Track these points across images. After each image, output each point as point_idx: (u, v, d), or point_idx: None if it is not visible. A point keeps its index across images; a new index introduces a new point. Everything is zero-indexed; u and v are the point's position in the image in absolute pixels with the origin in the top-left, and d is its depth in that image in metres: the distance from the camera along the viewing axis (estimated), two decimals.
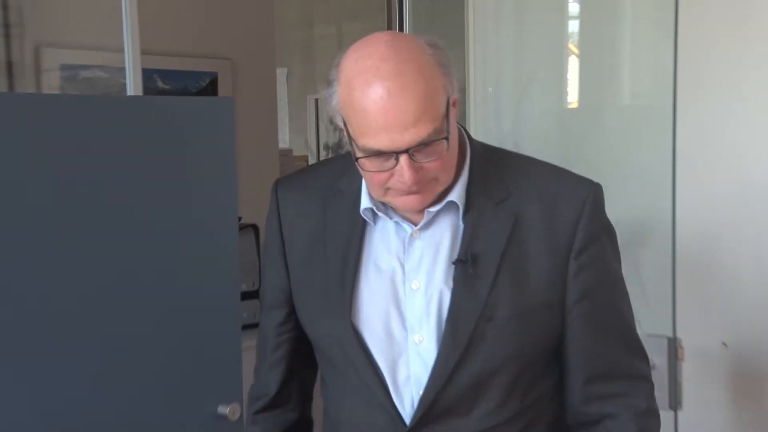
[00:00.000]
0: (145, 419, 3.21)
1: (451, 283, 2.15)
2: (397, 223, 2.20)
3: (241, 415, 3.38)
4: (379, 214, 2.19)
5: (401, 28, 4.46)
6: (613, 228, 2.24)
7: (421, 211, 2.15)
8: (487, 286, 2.11)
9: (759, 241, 3.64)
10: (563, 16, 4.40)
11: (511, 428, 2.19)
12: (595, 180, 2.87)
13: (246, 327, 4.05)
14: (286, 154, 7.29)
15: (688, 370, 3.73)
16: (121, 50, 3.58)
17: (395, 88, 1.91)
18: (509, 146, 4.21)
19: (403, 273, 2.20)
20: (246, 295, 4.78)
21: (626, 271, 3.91)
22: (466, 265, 2.11)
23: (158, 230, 3.22)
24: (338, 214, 2.27)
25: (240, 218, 3.73)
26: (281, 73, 7.16)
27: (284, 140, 7.32)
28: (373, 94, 1.92)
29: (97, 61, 5.24)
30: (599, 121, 4.25)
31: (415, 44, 2.01)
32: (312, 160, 7.56)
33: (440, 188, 2.09)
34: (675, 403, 3.87)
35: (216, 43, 6.21)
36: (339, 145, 7.45)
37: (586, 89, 4.36)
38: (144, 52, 3.62)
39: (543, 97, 4.45)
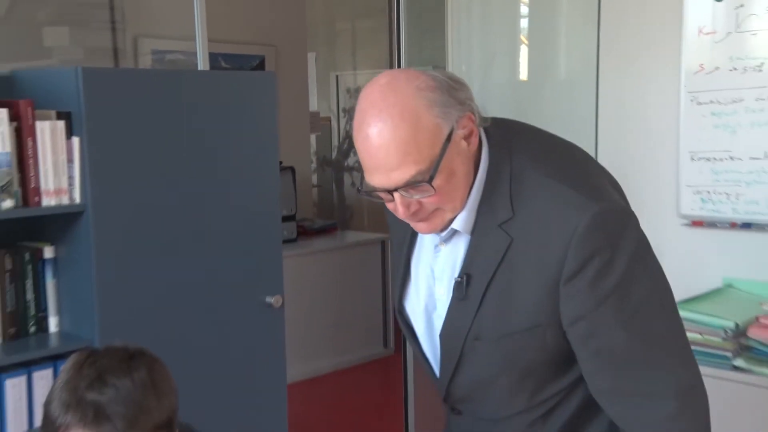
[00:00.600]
0: (215, 307, 3.26)
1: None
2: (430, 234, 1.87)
3: (283, 304, 3.45)
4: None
5: (398, 26, 4.42)
6: (616, 246, 1.66)
7: None
8: (474, 308, 1.75)
9: (658, 178, 3.65)
10: (516, 14, 4.40)
11: (529, 416, 1.85)
12: None
13: (285, 241, 4.09)
14: (314, 115, 7.30)
15: None
16: (194, 39, 3.62)
17: (376, 134, 1.62)
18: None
19: (433, 279, 1.89)
20: (285, 218, 4.84)
21: None
22: (461, 285, 1.77)
23: (222, 170, 3.25)
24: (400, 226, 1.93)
25: (281, 162, 3.75)
26: (311, 57, 7.18)
27: (313, 105, 7.33)
28: (361, 138, 1.65)
29: (177, 47, 5.38)
30: (542, 91, 4.24)
31: (406, 88, 1.63)
32: (334, 122, 7.53)
33: (448, 215, 1.73)
34: None
35: (264, 34, 6.30)
36: (353, 109, 7.45)
37: (533, 67, 4.33)
38: (210, 41, 3.67)
39: (502, 73, 4.42)
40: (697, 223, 3.53)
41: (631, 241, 1.68)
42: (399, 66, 4.44)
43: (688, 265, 3.57)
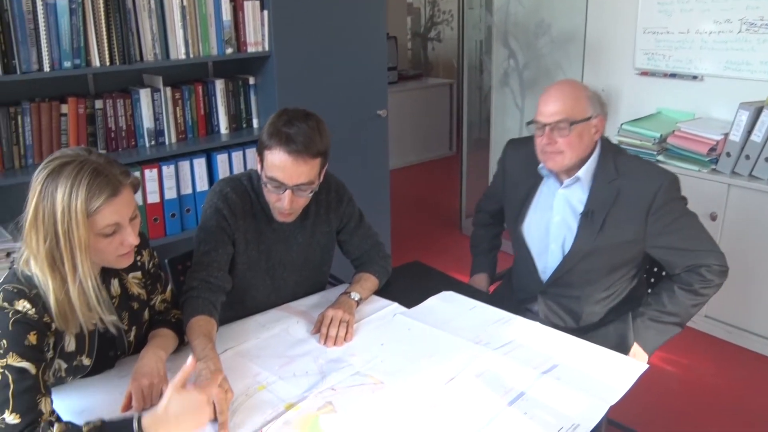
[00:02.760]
0: (349, 115, 3.29)
1: (575, 224, 1.95)
2: (554, 180, 2.00)
3: (387, 116, 3.44)
4: (542, 174, 2.02)
5: None
6: (677, 196, 1.91)
7: (565, 175, 1.96)
8: (597, 229, 1.90)
9: (623, 45, 3.59)
10: None
11: (592, 297, 2.02)
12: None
13: (390, 82, 4.11)
14: (409, 4, 7.18)
15: None
16: None
17: (553, 93, 1.87)
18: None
19: (551, 212, 2.01)
20: (390, 68, 4.78)
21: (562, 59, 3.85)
22: (587, 216, 1.92)
23: (354, 35, 3.23)
24: (530, 170, 2.04)
25: (388, 33, 3.66)
26: None
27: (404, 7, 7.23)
28: (545, 92, 1.88)
29: None
30: None
31: (580, 85, 1.92)
32: (422, 10, 7.33)
33: (564, 160, 1.89)
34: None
35: None
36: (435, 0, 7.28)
37: None
38: None
39: None
40: (644, 72, 3.54)
41: (681, 192, 1.93)
42: None
43: (636, 99, 3.60)
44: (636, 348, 1.93)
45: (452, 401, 1.47)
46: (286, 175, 1.70)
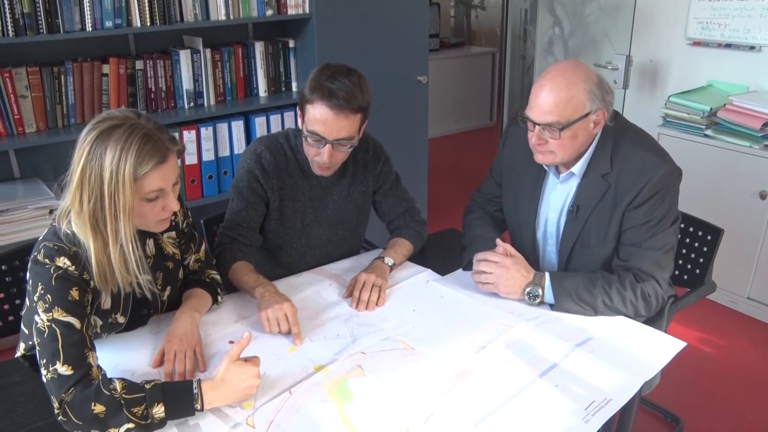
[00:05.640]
0: (389, 81, 3.25)
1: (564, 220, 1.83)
2: (553, 172, 1.83)
3: (427, 82, 3.41)
4: (544, 167, 1.84)
5: None
6: (665, 195, 1.70)
7: (564, 168, 1.80)
8: (581, 226, 1.77)
9: (676, 13, 3.48)
10: None
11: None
12: None
13: (431, 50, 4.07)
14: None
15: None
16: None
17: (547, 89, 1.63)
18: None
19: (548, 207, 1.87)
20: (432, 35, 4.72)
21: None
22: (572, 212, 1.78)
23: (395, 3, 3.21)
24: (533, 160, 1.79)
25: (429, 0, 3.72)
26: None
27: None
28: (538, 85, 1.66)
29: None
30: None
31: (579, 73, 1.65)
32: None
33: (555, 159, 1.72)
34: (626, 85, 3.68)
35: None
36: None
37: None
38: None
39: None
40: (696, 43, 3.43)
41: (674, 192, 1.72)
42: None
43: (686, 70, 3.51)
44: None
45: (483, 370, 1.46)
46: (326, 129, 1.72)
